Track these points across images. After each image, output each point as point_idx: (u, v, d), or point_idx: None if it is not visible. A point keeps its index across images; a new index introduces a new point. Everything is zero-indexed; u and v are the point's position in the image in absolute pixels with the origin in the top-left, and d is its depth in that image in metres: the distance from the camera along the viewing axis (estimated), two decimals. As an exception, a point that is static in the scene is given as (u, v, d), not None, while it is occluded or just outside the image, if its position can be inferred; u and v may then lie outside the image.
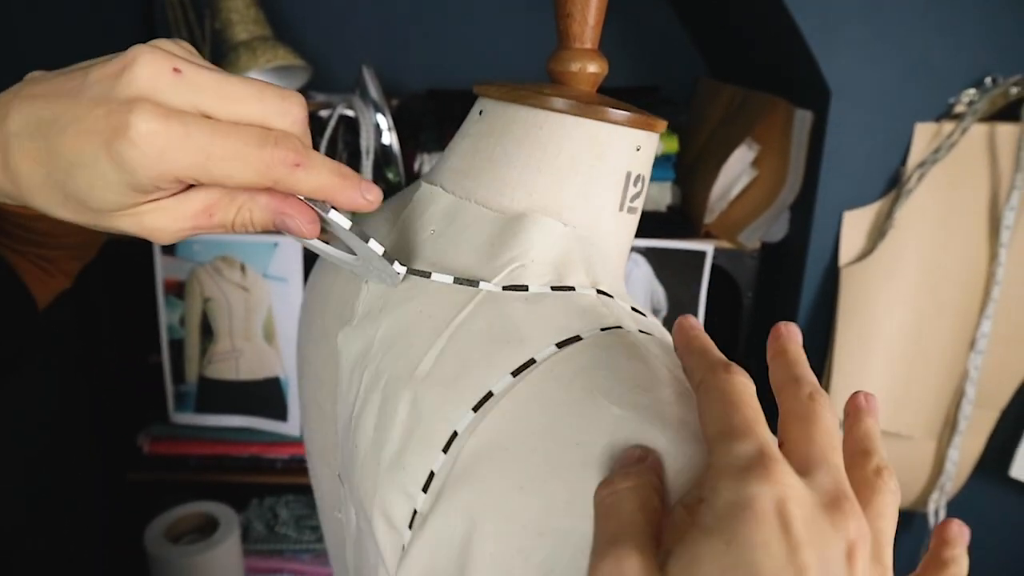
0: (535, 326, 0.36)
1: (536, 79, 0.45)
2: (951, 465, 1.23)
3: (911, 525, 1.37)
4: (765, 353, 0.35)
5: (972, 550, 1.30)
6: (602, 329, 0.36)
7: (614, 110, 0.41)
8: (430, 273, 0.40)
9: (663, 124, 0.43)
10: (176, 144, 0.31)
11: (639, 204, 0.44)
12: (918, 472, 1.26)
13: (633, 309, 0.40)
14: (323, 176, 0.34)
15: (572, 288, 0.39)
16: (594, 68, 0.42)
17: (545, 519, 0.32)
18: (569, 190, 0.41)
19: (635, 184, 0.43)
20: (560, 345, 0.35)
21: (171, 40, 0.35)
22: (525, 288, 0.38)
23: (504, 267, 0.39)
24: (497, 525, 0.33)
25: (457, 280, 0.39)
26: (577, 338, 0.36)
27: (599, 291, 0.39)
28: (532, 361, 0.35)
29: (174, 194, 0.35)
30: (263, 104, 0.34)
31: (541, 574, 0.31)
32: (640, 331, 0.37)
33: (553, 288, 0.38)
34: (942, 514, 1.27)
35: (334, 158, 1.34)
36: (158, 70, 0.32)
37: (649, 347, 0.35)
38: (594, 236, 0.42)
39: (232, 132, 0.33)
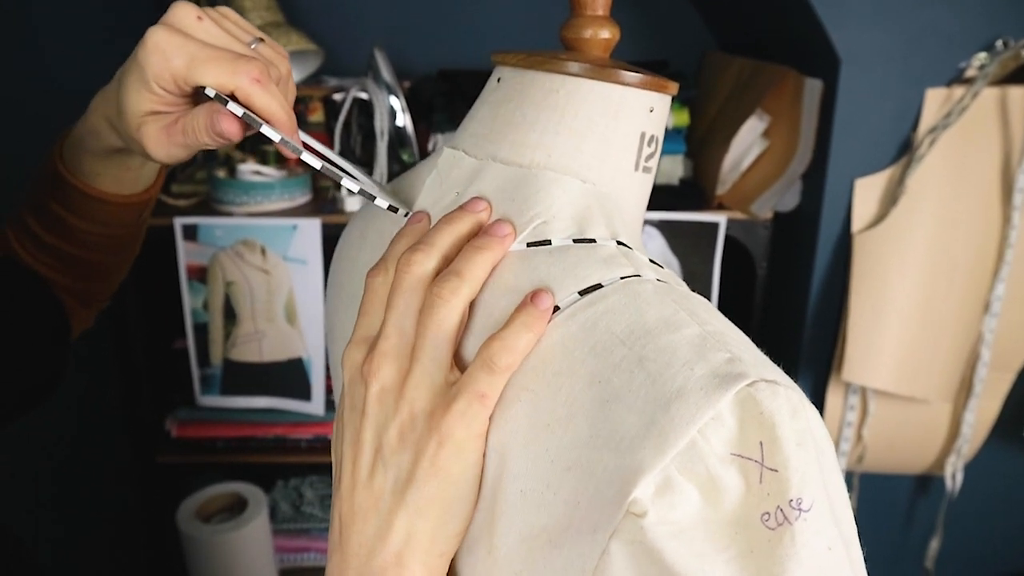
0: (559, 276, 0.38)
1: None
2: (967, 428, 1.25)
3: (928, 489, 1.38)
4: (780, 321, 0.38)
5: (990, 511, 1.33)
6: (622, 278, 0.38)
7: (628, 72, 0.42)
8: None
9: (675, 86, 0.45)
10: (173, 49, 0.44)
11: (653, 164, 0.46)
12: (935, 436, 1.28)
13: (651, 261, 0.42)
14: (273, 103, 0.44)
15: (593, 240, 0.40)
16: (606, 34, 0.44)
17: (571, 454, 0.34)
18: (586, 150, 0.43)
19: (649, 144, 0.45)
20: (582, 293, 0.37)
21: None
22: (548, 243, 0.40)
23: (527, 224, 0.41)
24: (526, 462, 0.35)
25: None
26: (598, 286, 0.38)
27: (619, 243, 0.41)
28: (556, 308, 0.37)
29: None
30: (260, 38, 0.49)
31: (569, 506, 0.33)
32: (657, 279, 0.39)
33: (575, 241, 0.40)
34: (959, 477, 1.28)
35: (349, 141, 1.35)
36: (185, 13, 0.46)
37: (666, 294, 0.37)
38: (612, 194, 0.43)
39: (216, 48, 0.45)
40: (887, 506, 1.38)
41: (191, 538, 1.29)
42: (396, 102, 1.30)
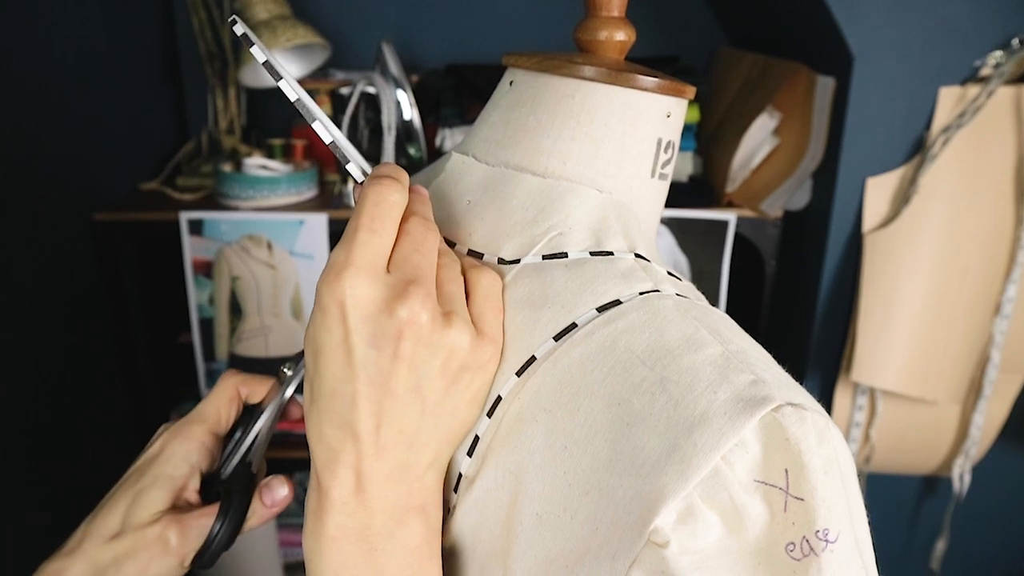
0: (576, 291, 0.37)
1: (552, 50, 0.46)
2: (975, 430, 1.24)
3: (935, 490, 1.37)
4: (788, 320, 0.37)
5: (997, 513, 1.31)
6: (640, 293, 0.37)
7: (644, 77, 0.41)
8: (482, 255, 0.41)
9: (692, 90, 0.44)
10: None
11: (669, 171, 0.45)
12: (943, 437, 1.27)
13: (669, 273, 0.41)
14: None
15: (611, 253, 0.39)
16: (621, 36, 0.42)
17: (589, 477, 0.33)
18: (603, 157, 0.42)
19: (666, 151, 0.44)
20: (600, 309, 0.36)
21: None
22: (565, 255, 0.39)
23: (543, 236, 0.39)
24: (542, 485, 0.34)
25: (501, 261, 0.40)
26: (617, 302, 0.36)
27: (637, 255, 0.40)
28: (573, 325, 0.36)
29: None
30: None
31: (586, 531, 0.32)
32: (677, 294, 0.38)
33: (592, 253, 0.39)
34: (967, 479, 1.27)
35: (356, 135, 1.33)
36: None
37: (686, 311, 0.36)
38: (629, 202, 0.42)
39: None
40: (894, 507, 1.38)
41: (196, 532, 1.29)
42: (403, 96, 1.29)
